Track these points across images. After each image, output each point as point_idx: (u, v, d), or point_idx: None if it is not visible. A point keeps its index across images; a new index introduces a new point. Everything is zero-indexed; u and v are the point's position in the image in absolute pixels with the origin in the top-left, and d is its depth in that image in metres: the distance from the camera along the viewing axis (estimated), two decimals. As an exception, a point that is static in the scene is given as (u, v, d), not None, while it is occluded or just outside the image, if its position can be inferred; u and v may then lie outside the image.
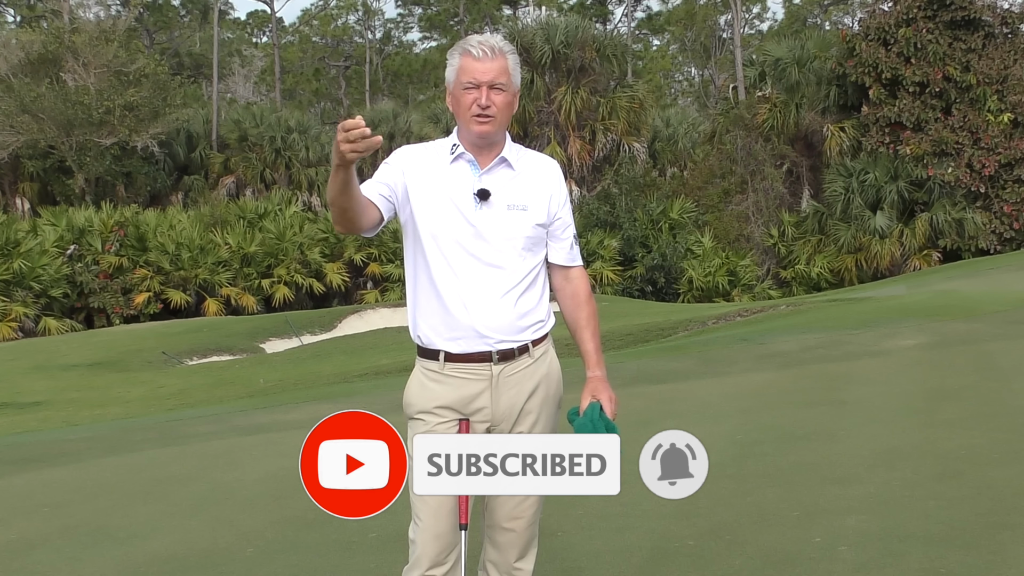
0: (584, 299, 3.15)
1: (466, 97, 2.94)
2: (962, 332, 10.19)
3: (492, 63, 2.93)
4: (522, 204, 3.01)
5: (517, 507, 3.08)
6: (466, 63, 2.95)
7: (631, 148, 32.70)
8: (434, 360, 3.04)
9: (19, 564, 4.90)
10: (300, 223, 31.23)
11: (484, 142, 2.99)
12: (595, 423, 2.96)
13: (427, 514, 2.99)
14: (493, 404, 3.02)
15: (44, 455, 7.78)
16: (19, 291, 25.20)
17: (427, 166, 3.01)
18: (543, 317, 3.10)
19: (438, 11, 69.03)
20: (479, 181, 2.99)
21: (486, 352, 3.00)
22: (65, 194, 36.66)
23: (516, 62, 3.02)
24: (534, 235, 3.02)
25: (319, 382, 13.39)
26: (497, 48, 2.96)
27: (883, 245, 27.45)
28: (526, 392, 3.05)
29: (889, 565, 4.01)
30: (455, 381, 3.02)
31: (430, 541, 2.99)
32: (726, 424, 6.89)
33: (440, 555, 3.01)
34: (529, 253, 3.02)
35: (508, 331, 3.00)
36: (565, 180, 3.59)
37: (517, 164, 3.05)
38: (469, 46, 2.95)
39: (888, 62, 28.10)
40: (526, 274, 3.02)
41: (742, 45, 47.68)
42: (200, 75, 59.69)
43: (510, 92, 2.98)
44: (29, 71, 37.36)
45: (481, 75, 2.93)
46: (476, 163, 3.00)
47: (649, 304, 23.72)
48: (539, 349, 3.09)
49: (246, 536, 5.07)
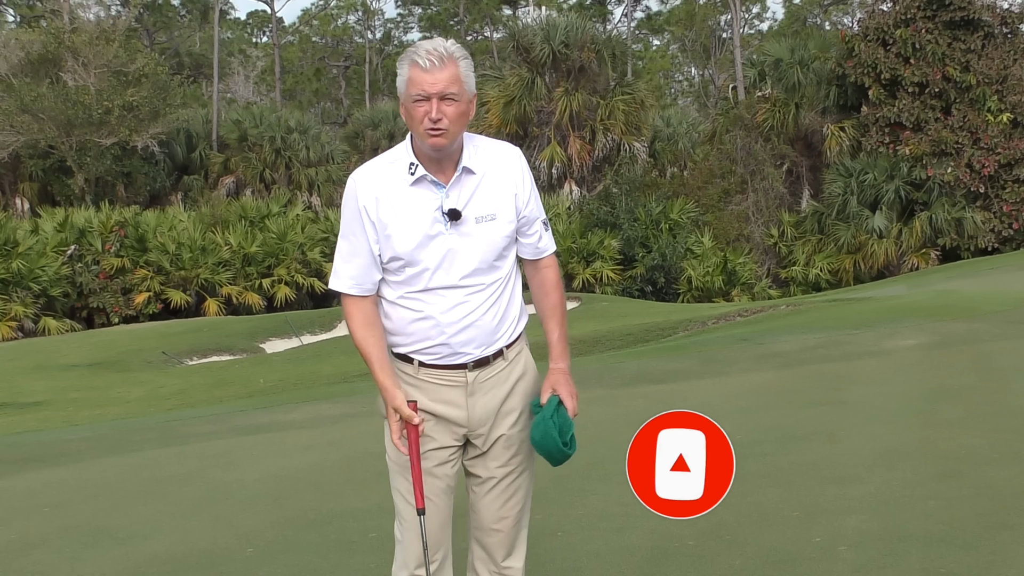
0: (551, 287, 3.10)
1: (417, 110, 2.83)
2: (962, 332, 10.18)
3: (441, 73, 2.80)
4: (490, 213, 2.93)
5: (502, 508, 3.07)
6: (414, 74, 2.82)
7: (631, 148, 32.69)
8: (408, 364, 3.02)
9: (19, 564, 4.90)
10: (302, 224, 31.26)
11: (440, 154, 2.89)
12: (546, 422, 2.93)
13: (411, 513, 2.98)
14: (469, 409, 3.00)
15: (44, 455, 7.78)
16: (18, 291, 25.19)
17: (388, 194, 2.90)
18: (516, 316, 3.05)
19: (438, 11, 69.04)
20: (446, 199, 2.90)
21: (461, 363, 2.98)
22: (65, 194, 36.65)
23: (468, 67, 2.88)
24: (506, 243, 2.97)
25: (319, 382, 13.39)
26: (446, 55, 2.82)
27: (882, 245, 27.46)
28: (502, 395, 3.03)
29: (889, 565, 4.01)
30: (429, 386, 3.00)
31: (415, 539, 2.98)
32: (726, 424, 6.83)
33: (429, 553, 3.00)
34: (501, 260, 2.98)
35: (484, 343, 2.98)
36: (565, 180, 3.58)
37: (479, 167, 2.94)
38: (416, 56, 2.82)
39: (887, 62, 28.10)
40: (500, 283, 2.98)
41: (742, 45, 47.69)
42: (200, 75, 59.67)
43: (463, 101, 2.85)
44: (29, 71, 37.35)
45: (430, 86, 2.80)
46: (439, 182, 2.90)
47: (649, 304, 23.72)
48: (513, 351, 3.05)
49: (246, 536, 5.07)
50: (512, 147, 3.06)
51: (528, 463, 3.10)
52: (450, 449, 3.03)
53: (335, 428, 7.86)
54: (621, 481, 5.54)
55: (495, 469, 3.05)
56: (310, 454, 6.99)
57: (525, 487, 3.12)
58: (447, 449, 3.02)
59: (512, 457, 3.05)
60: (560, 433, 2.94)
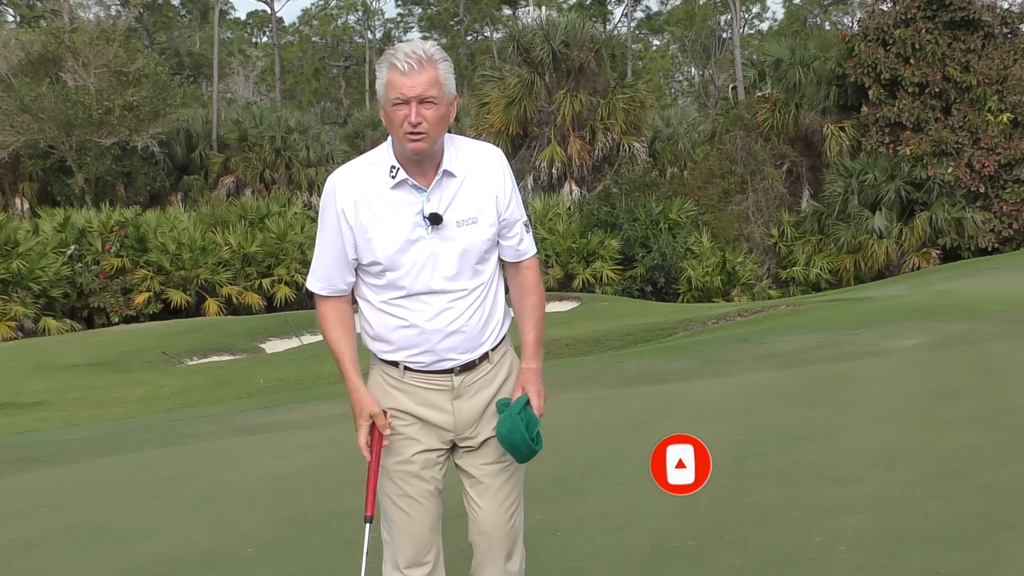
0: (530, 289, 3.09)
1: (396, 114, 2.80)
2: (962, 332, 10.18)
3: (420, 76, 2.78)
4: (471, 216, 2.91)
5: (496, 511, 3.07)
6: (393, 77, 2.80)
7: (631, 148, 32.69)
8: (394, 368, 3.01)
9: (19, 564, 4.90)
10: (301, 223, 31.27)
11: (420, 157, 2.86)
12: (513, 417, 2.94)
13: (399, 515, 3.00)
14: (455, 413, 3.00)
15: (44, 455, 7.78)
16: (19, 291, 25.20)
17: (367, 197, 2.89)
18: (500, 319, 3.05)
19: (438, 11, 69.07)
20: (427, 203, 2.88)
21: (447, 368, 2.98)
22: (65, 194, 36.67)
23: (448, 69, 2.85)
24: (487, 246, 2.96)
25: (319, 382, 13.39)
26: (425, 58, 2.80)
27: (882, 245, 27.46)
28: (487, 397, 3.03)
29: (889, 565, 4.01)
30: (415, 390, 3.00)
31: (406, 542, 3.00)
32: (726, 424, 6.89)
33: (418, 555, 3.01)
34: (483, 264, 2.97)
35: (469, 348, 2.97)
36: (565, 180, 3.59)
37: (460, 170, 2.93)
38: (395, 59, 2.79)
39: (887, 62, 28.09)
40: (483, 287, 2.97)
41: (742, 45, 47.68)
42: (200, 75, 59.69)
43: (443, 104, 2.82)
44: (29, 71, 37.35)
45: (408, 90, 2.78)
46: (419, 185, 2.89)
47: (649, 304, 23.73)
48: (498, 353, 3.05)
49: (246, 536, 5.07)
50: (494, 148, 3.05)
51: (517, 463, 3.10)
52: (437, 452, 3.03)
53: (335, 428, 7.85)
54: (621, 481, 5.56)
55: (485, 468, 3.05)
56: (310, 454, 6.99)
57: (518, 488, 3.13)
58: (434, 452, 3.02)
59: (503, 455, 3.06)
60: (527, 428, 2.94)
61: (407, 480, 2.99)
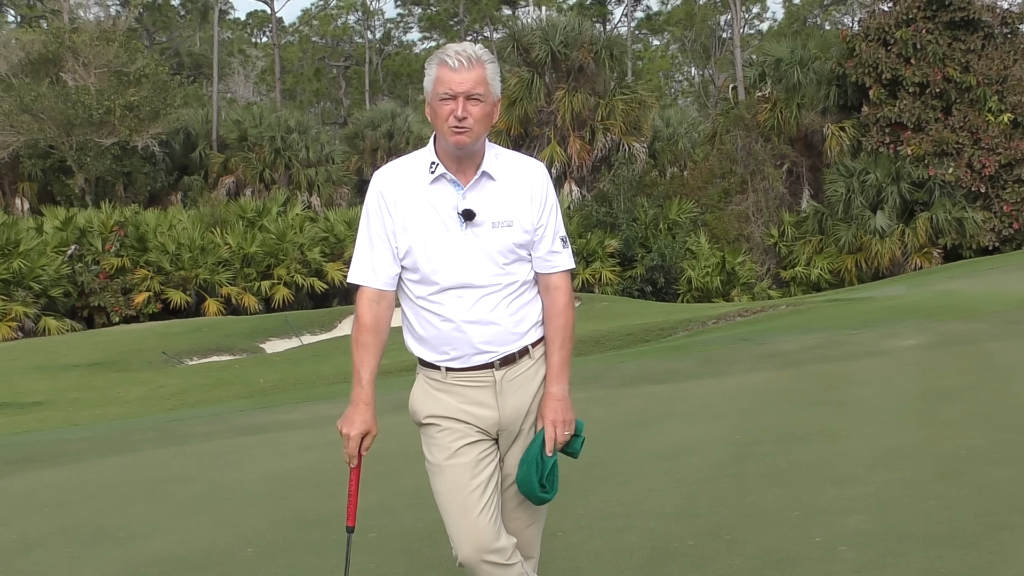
0: (559, 310, 3.08)
1: (443, 108, 2.90)
2: (962, 332, 10.17)
3: (469, 73, 2.88)
4: (507, 220, 2.97)
5: (507, 506, 3.10)
6: (442, 73, 2.90)
7: (631, 148, 32.69)
8: (436, 370, 3.06)
9: (19, 564, 4.90)
10: (301, 223, 31.25)
11: (462, 153, 2.94)
12: (529, 462, 3.00)
13: (454, 510, 3.00)
14: (500, 408, 3.03)
15: (44, 455, 7.78)
16: (19, 291, 25.19)
17: (408, 192, 2.97)
18: (537, 319, 3.08)
19: (438, 11, 69.03)
20: (463, 200, 2.95)
21: (488, 363, 3.01)
22: (65, 194, 36.67)
23: (495, 71, 2.96)
24: (520, 249, 3.00)
25: (319, 382, 13.39)
26: (474, 57, 2.90)
27: (883, 245, 27.46)
28: (531, 393, 3.07)
29: (889, 565, 4.01)
30: (459, 389, 3.04)
31: (464, 536, 3.00)
32: (726, 424, 6.89)
33: (479, 548, 2.99)
34: (518, 264, 3.01)
35: (506, 340, 3.01)
36: (565, 180, 3.60)
37: (499, 174, 2.99)
38: (446, 56, 2.90)
39: (888, 62, 28.10)
40: (518, 285, 3.01)
41: (742, 45, 47.70)
42: (200, 75, 59.69)
43: (488, 103, 2.93)
44: (29, 71, 37.38)
45: (457, 86, 2.88)
46: (457, 181, 2.96)
47: (649, 304, 23.72)
48: (539, 349, 3.09)
49: (246, 536, 5.07)
50: (538, 163, 3.12)
51: None
52: (485, 444, 3.05)
53: (335, 428, 7.83)
54: (621, 481, 5.56)
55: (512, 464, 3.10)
56: (310, 454, 6.99)
57: None
58: (482, 443, 3.05)
59: None
60: (540, 469, 2.99)
61: (459, 473, 3.01)
